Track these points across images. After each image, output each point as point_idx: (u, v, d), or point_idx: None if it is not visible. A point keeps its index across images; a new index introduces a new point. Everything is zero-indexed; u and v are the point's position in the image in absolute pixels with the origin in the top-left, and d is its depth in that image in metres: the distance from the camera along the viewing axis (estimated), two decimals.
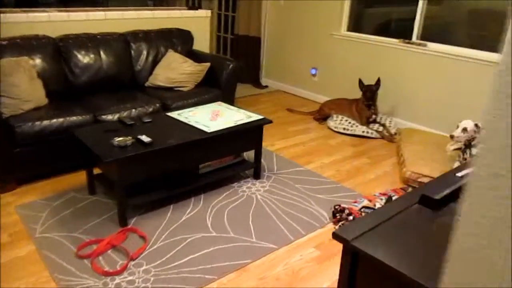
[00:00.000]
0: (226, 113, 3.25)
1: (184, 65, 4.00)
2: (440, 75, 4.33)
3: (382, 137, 4.36)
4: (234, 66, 4.03)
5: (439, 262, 1.23)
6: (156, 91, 3.87)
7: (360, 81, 4.44)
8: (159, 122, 3.02)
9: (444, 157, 3.62)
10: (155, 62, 4.07)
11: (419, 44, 4.48)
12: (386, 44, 4.70)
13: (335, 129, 4.46)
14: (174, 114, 3.17)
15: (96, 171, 2.94)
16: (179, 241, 2.51)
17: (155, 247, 2.44)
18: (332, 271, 2.33)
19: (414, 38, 4.56)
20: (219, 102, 3.52)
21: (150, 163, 2.64)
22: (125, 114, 3.37)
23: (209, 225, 2.68)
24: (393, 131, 4.43)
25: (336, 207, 2.82)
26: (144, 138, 2.64)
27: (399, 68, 4.62)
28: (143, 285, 2.15)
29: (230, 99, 4.07)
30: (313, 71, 5.50)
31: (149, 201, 2.76)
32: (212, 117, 3.13)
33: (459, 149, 3.77)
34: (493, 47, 4.02)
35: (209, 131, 2.86)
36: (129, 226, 2.62)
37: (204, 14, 4.75)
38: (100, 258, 2.34)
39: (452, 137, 3.32)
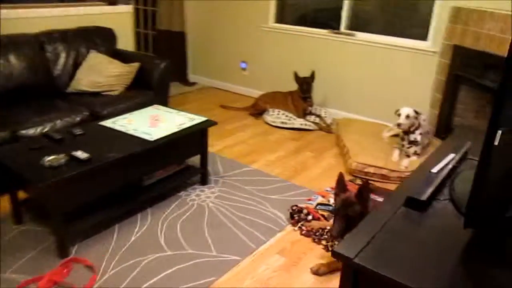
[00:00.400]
0: (165, 117, 3.00)
1: (110, 67, 3.66)
2: (370, 64, 4.42)
3: (320, 129, 4.37)
4: (166, 65, 3.77)
5: (439, 271, 1.18)
6: (81, 97, 3.49)
7: (296, 74, 4.40)
8: (93, 133, 2.70)
9: (383, 145, 3.70)
10: (76, 65, 3.67)
11: (348, 34, 4.53)
12: (315, 35, 4.71)
13: (273, 124, 4.39)
14: (108, 123, 2.86)
15: (21, 195, 2.56)
16: (133, 266, 2.26)
17: (106, 277, 2.17)
18: (302, 278, 2.24)
19: (342, 28, 4.61)
20: (156, 106, 3.26)
21: (90, 182, 2.34)
22: (48, 127, 2.99)
23: (163, 243, 2.45)
24: (329, 121, 4.46)
25: (294, 208, 2.74)
26: (80, 155, 2.33)
27: (329, 59, 4.65)
28: None
29: (164, 101, 3.80)
30: (243, 65, 5.37)
31: (91, 225, 2.46)
32: (152, 123, 2.87)
33: (394, 135, 3.89)
34: (420, 35, 4.18)
35: (152, 140, 2.61)
36: (71, 257, 2.31)
37: (125, 9, 4.39)
38: None
39: (399, 125, 3.38)
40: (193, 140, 2.93)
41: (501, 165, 1.31)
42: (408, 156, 3.52)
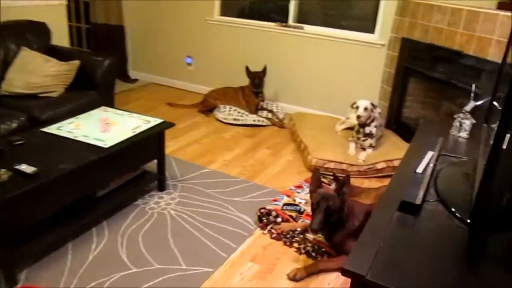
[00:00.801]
0: (117, 120, 2.76)
1: (46, 66, 3.31)
2: (320, 57, 4.41)
3: (273, 124, 4.30)
4: (111, 62, 3.48)
5: (449, 278, 1.15)
6: (15, 100, 3.13)
7: (247, 68, 4.28)
8: (36, 142, 2.41)
9: (338, 139, 3.69)
10: (6, 64, 3.28)
11: (296, 27, 4.49)
12: (264, 28, 4.61)
13: (225, 121, 4.25)
14: (52, 130, 2.57)
15: None
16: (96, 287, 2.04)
17: None
18: (279, 285, 2.15)
19: (290, 21, 4.55)
20: (104, 107, 3.00)
21: (39, 199, 2.07)
22: None
23: (126, 259, 2.24)
24: (281, 116, 4.40)
25: (262, 210, 2.63)
26: (25, 168, 2.05)
27: (279, 52, 4.58)
28: None
29: (109, 102, 3.52)
30: (188, 60, 5.16)
31: (41, 247, 2.19)
32: (103, 128, 2.62)
33: (347, 129, 3.91)
34: (369, 28, 4.22)
35: (106, 147, 2.38)
36: (21, 285, 2.04)
37: (57, 2, 4.00)
38: None
39: (358, 117, 3.38)
40: (149, 144, 2.72)
41: (508, 168, 1.28)
42: (364, 149, 3.54)
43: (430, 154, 1.93)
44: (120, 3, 5.12)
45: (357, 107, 3.44)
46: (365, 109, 3.41)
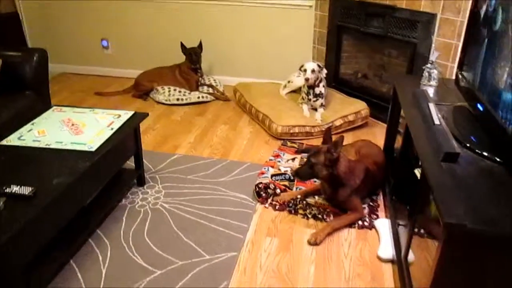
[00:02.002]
0: (82, 120, 2.48)
1: None
2: (250, 25, 4.39)
3: (216, 98, 4.22)
4: (41, 55, 3.06)
5: None
6: None
7: (182, 45, 4.09)
8: (4, 159, 2.07)
9: (288, 103, 3.76)
10: None
11: None
12: (187, 0, 4.40)
13: (168, 102, 4.05)
14: (13, 142, 2.22)
15: None
16: None
17: None
18: (305, 252, 2.20)
19: None
20: (57, 107, 2.66)
21: (45, 221, 1.82)
22: None
23: (144, 263, 2.09)
24: (221, 89, 4.33)
25: (260, 185, 2.62)
26: (19, 190, 1.77)
27: (207, 25, 4.44)
28: None
29: (48, 101, 3.14)
30: (105, 43, 4.74)
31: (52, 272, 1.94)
32: (73, 130, 2.34)
33: (291, 92, 4.00)
34: None
35: (93, 150, 2.14)
36: None
37: None
38: None
39: (306, 79, 3.46)
40: (128, 140, 2.50)
41: None
42: (315, 109, 3.67)
43: (432, 106, 2.08)
44: None
45: (305, 70, 3.52)
46: (312, 71, 3.51)
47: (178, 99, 4.04)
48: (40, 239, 1.83)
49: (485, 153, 1.65)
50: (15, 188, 1.77)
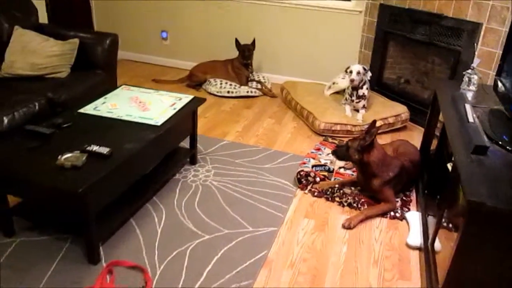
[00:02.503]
0: (148, 99, 2.78)
1: (48, 45, 3.18)
2: (300, 27, 4.61)
3: (264, 94, 4.47)
4: (112, 39, 3.41)
5: None
6: (22, 83, 3.00)
7: (237, 41, 4.37)
8: (82, 124, 2.39)
9: (332, 103, 3.95)
10: (2, 44, 3.11)
11: None
12: (242, 0, 4.68)
13: (219, 94, 4.34)
14: (89, 111, 2.55)
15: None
16: (178, 257, 2.15)
17: (157, 274, 2.04)
18: (338, 234, 2.40)
19: None
20: (125, 86, 2.98)
21: (115, 178, 2.11)
22: (6, 121, 2.55)
23: (195, 229, 2.36)
24: (269, 86, 4.58)
25: (301, 173, 2.84)
26: (98, 149, 2.07)
27: (260, 24, 4.70)
28: None
29: (114, 81, 3.49)
30: (164, 35, 5.10)
31: (117, 224, 2.24)
32: (141, 107, 2.65)
33: (335, 93, 4.19)
34: None
35: (158, 124, 2.43)
36: (111, 260, 2.08)
37: None
38: None
39: (352, 81, 3.64)
40: (187, 120, 2.79)
41: None
42: (357, 110, 3.85)
43: (468, 106, 2.24)
44: None
45: (351, 72, 3.71)
46: (358, 73, 3.69)
47: (228, 92, 4.32)
48: (112, 193, 2.13)
49: (509, 148, 1.81)
50: (95, 148, 2.08)
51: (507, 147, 1.82)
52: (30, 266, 2.03)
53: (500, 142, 1.88)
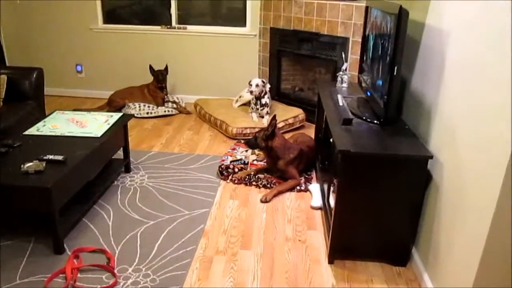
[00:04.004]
0: (83, 118, 3.21)
1: None
2: (205, 52, 5.28)
3: (180, 112, 5.02)
4: (39, 72, 3.76)
5: (376, 142, 2.21)
6: None
7: (151, 67, 4.89)
8: (31, 142, 2.76)
9: (240, 112, 4.63)
10: None
11: (180, 28, 5.25)
12: (150, 31, 5.24)
13: (139, 116, 4.80)
14: (34, 132, 2.92)
15: None
16: (132, 239, 2.60)
17: (117, 252, 2.48)
18: (258, 207, 3.01)
19: (174, 24, 5.28)
20: (60, 111, 3.36)
21: (71, 180, 2.53)
22: None
23: (140, 218, 2.82)
24: (183, 105, 5.14)
25: (222, 166, 3.44)
26: (54, 157, 2.49)
27: (169, 51, 5.28)
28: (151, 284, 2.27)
29: (43, 109, 3.81)
30: (79, 68, 5.44)
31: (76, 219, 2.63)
32: (80, 125, 3.07)
33: (242, 105, 4.89)
34: (242, 23, 5.23)
35: (99, 136, 2.88)
36: (76, 247, 2.47)
37: None
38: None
39: (251, 92, 4.35)
40: (120, 133, 3.25)
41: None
42: (262, 116, 4.57)
43: (339, 96, 3.03)
44: None
45: (251, 85, 4.43)
46: (257, 85, 4.42)
47: (147, 113, 4.80)
48: (69, 192, 2.53)
49: (369, 120, 2.59)
50: (50, 157, 2.49)
51: (367, 120, 2.60)
52: (4, 264, 2.34)
53: (363, 118, 2.66)
